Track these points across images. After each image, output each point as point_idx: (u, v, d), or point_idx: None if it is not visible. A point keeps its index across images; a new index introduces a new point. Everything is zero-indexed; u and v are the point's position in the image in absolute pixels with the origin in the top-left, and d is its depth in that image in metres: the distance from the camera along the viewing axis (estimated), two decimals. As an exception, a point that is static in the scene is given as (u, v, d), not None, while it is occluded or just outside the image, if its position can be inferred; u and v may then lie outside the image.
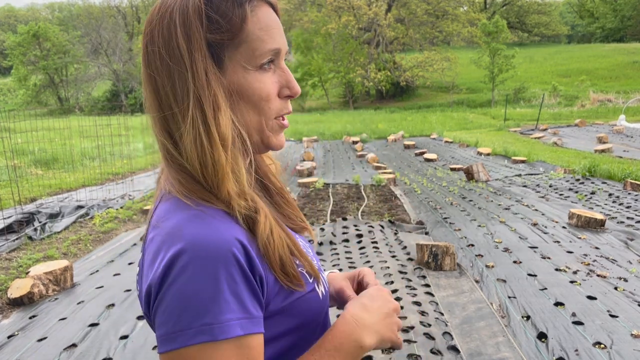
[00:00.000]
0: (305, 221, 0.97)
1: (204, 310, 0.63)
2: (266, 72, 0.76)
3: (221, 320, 0.63)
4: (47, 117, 17.10)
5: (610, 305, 3.40)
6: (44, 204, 7.68)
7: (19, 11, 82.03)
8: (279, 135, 0.81)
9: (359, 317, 0.80)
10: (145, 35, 0.75)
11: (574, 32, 65.26)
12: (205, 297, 0.63)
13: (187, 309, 0.63)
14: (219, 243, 0.66)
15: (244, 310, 0.66)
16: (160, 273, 0.65)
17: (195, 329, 0.63)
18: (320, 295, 0.82)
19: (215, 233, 0.67)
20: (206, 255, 0.64)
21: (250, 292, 0.67)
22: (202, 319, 0.63)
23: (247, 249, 0.68)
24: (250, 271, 0.68)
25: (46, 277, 4.17)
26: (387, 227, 5.75)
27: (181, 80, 0.71)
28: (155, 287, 0.66)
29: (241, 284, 0.66)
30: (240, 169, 0.73)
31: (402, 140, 17.02)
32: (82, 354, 3.06)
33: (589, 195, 7.21)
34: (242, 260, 0.67)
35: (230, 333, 0.64)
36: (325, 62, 37.08)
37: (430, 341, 3.00)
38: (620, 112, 20.32)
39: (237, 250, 0.67)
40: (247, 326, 0.66)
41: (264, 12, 0.75)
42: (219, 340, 0.63)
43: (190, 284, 0.63)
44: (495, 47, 32.08)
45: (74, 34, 52.92)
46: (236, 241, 0.67)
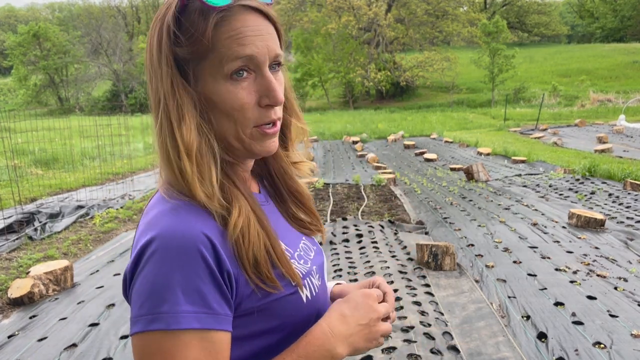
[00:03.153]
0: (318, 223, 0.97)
1: (162, 299, 0.65)
2: (239, 82, 0.74)
3: (177, 311, 0.65)
4: (47, 117, 17.10)
5: (610, 305, 3.40)
6: (44, 204, 7.68)
7: (19, 11, 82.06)
8: (264, 142, 0.79)
9: (335, 327, 0.79)
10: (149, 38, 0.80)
11: (574, 32, 65.26)
12: (165, 286, 0.66)
13: (150, 296, 0.66)
14: (186, 237, 0.68)
15: (204, 305, 0.67)
16: (133, 259, 0.70)
17: (152, 315, 0.66)
18: (304, 299, 0.81)
19: (185, 227, 0.69)
20: (172, 247, 0.67)
21: (214, 289, 0.68)
22: (160, 307, 0.65)
23: (215, 246, 0.70)
24: (217, 268, 0.69)
25: (46, 277, 4.18)
26: (387, 227, 5.75)
27: (153, 88, 0.76)
28: (129, 272, 0.71)
29: (205, 279, 0.67)
30: (207, 175, 0.74)
31: (402, 140, 17.02)
32: (82, 353, 3.07)
33: (589, 195, 7.21)
34: (208, 256, 0.68)
35: (184, 324, 0.65)
36: (325, 62, 37.06)
37: (430, 341, 3.00)
38: (620, 112, 20.32)
39: (203, 246, 0.68)
40: (207, 321, 0.67)
41: (239, 20, 0.73)
42: (174, 330, 0.65)
43: (154, 272, 0.67)
44: (495, 47, 32.08)
45: (74, 34, 52.93)
46: (204, 237, 0.69)
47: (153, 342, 0.66)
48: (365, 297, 0.84)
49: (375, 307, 0.84)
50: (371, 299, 0.84)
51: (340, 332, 0.79)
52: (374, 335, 0.83)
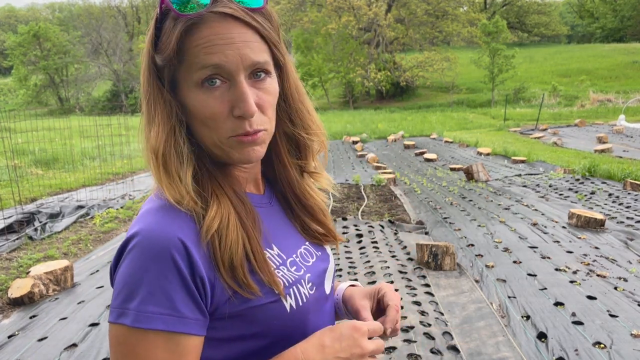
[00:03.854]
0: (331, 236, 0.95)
1: (132, 296, 0.67)
2: (211, 90, 0.73)
3: (142, 310, 0.67)
4: (47, 117, 17.09)
5: (610, 305, 3.40)
6: (45, 203, 7.68)
7: (19, 11, 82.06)
8: (243, 150, 0.76)
9: (309, 355, 0.75)
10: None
11: (574, 32, 65.25)
12: (136, 284, 0.67)
13: (122, 290, 0.68)
14: (160, 240, 0.69)
15: (171, 307, 0.67)
16: (116, 254, 0.73)
17: (122, 309, 0.68)
18: (287, 308, 0.78)
19: (161, 229, 0.70)
20: (146, 248, 0.69)
21: (185, 294, 0.68)
22: (129, 302, 0.67)
23: (189, 251, 0.70)
24: (189, 274, 0.69)
25: (46, 277, 4.18)
26: (387, 227, 5.75)
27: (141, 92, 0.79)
28: (112, 266, 0.74)
29: (174, 283, 0.68)
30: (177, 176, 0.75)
31: (402, 140, 17.02)
32: (82, 353, 3.07)
33: (589, 195, 7.21)
34: (180, 261, 0.68)
35: (147, 324, 0.66)
36: (325, 62, 37.06)
37: (430, 341, 3.01)
38: (620, 112, 20.32)
39: (176, 251, 0.69)
40: (173, 324, 0.67)
41: (209, 27, 0.71)
42: (138, 328, 0.66)
43: (128, 268, 0.69)
44: (495, 47, 32.07)
45: (74, 34, 52.94)
46: (178, 241, 0.69)
47: (121, 334, 0.68)
48: (353, 329, 0.78)
49: (361, 343, 0.77)
50: (359, 333, 0.78)
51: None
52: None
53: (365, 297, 0.98)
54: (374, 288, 0.99)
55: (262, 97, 0.76)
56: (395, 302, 0.94)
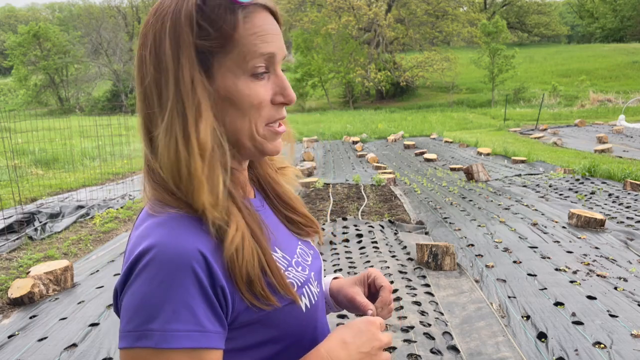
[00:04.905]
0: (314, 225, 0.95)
1: (152, 315, 0.63)
2: (259, 79, 0.74)
3: (167, 329, 0.63)
4: (47, 117, 17.10)
5: (610, 305, 3.40)
6: (45, 204, 7.68)
7: (19, 11, 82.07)
8: (275, 142, 0.79)
9: (334, 353, 0.77)
10: (139, 37, 0.76)
11: (574, 32, 65.25)
12: (156, 303, 0.63)
13: (139, 311, 0.64)
14: (179, 253, 0.65)
15: (196, 323, 0.65)
16: (125, 272, 0.67)
17: (141, 332, 0.63)
18: (303, 309, 0.79)
19: (178, 242, 0.66)
20: (164, 262, 0.65)
21: (207, 307, 0.66)
22: (149, 323, 0.63)
23: (209, 263, 0.67)
24: (210, 285, 0.67)
25: (46, 277, 4.18)
26: (387, 227, 5.75)
27: (166, 85, 0.71)
28: (120, 285, 0.69)
29: (197, 297, 0.65)
30: (217, 179, 0.71)
31: (402, 140, 17.02)
32: (82, 353, 3.07)
33: (589, 195, 7.21)
34: (202, 273, 0.66)
35: (174, 343, 0.63)
36: (325, 62, 37.08)
37: (430, 341, 3.01)
38: (620, 112, 20.32)
39: (196, 263, 0.66)
40: (198, 339, 0.65)
41: (260, 18, 0.74)
42: (164, 349, 0.63)
43: (144, 287, 0.64)
44: (495, 47, 32.09)
45: (74, 34, 52.99)
46: (198, 253, 0.67)
47: (141, 358, 0.64)
48: (369, 324, 0.81)
49: (378, 336, 0.81)
50: (374, 327, 0.81)
51: (339, 358, 0.77)
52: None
53: (354, 284, 1.01)
54: (362, 274, 1.02)
55: None
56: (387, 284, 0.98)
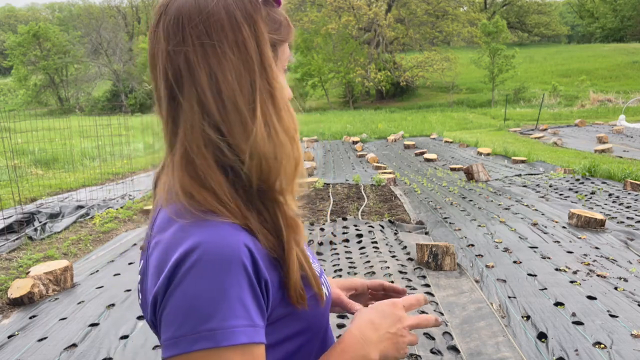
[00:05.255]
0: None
1: (209, 315, 0.61)
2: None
3: (226, 327, 0.61)
4: (47, 117, 17.09)
5: (610, 305, 3.40)
6: (44, 204, 7.68)
7: (19, 11, 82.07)
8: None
9: (366, 334, 0.79)
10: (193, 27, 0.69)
11: (574, 32, 65.26)
12: (211, 301, 0.62)
13: (192, 312, 0.61)
14: (228, 247, 0.64)
15: (248, 318, 0.64)
16: (167, 275, 0.64)
17: (198, 334, 0.61)
18: (324, 298, 0.80)
19: (225, 238, 0.65)
20: (214, 259, 0.63)
21: (254, 301, 0.65)
22: (207, 323, 0.61)
23: (255, 256, 0.66)
24: (256, 279, 0.66)
25: (46, 277, 4.18)
26: (387, 227, 5.75)
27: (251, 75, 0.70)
28: (161, 290, 0.64)
29: (247, 291, 0.64)
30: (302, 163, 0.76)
31: (402, 140, 17.02)
32: (82, 353, 3.06)
33: (589, 195, 7.21)
34: (250, 267, 0.65)
35: (234, 340, 0.62)
36: (325, 62, 37.07)
37: (430, 341, 3.00)
38: (620, 112, 20.32)
39: (245, 257, 0.65)
40: (252, 334, 0.64)
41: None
42: (222, 347, 0.61)
43: (195, 286, 0.62)
44: (495, 47, 32.09)
45: (74, 34, 52.98)
46: (245, 247, 0.66)
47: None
48: (392, 306, 0.84)
49: (403, 316, 0.83)
50: (398, 308, 0.84)
51: (372, 339, 0.79)
52: (402, 344, 0.82)
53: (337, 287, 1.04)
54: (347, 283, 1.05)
55: None
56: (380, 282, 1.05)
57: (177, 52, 0.69)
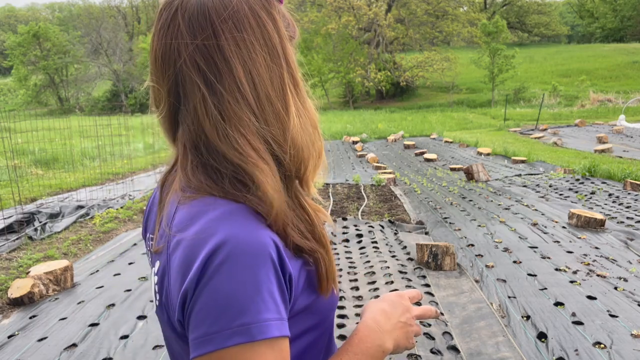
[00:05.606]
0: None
1: (243, 309, 0.61)
2: None
3: (259, 320, 0.62)
4: (47, 117, 17.10)
5: (610, 305, 3.40)
6: (44, 204, 7.68)
7: (19, 11, 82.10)
8: None
9: (380, 323, 0.82)
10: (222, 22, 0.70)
11: (574, 32, 65.27)
12: (244, 296, 0.61)
13: (225, 308, 0.61)
14: (256, 241, 0.64)
15: (278, 311, 0.64)
16: (196, 272, 0.63)
17: (233, 329, 0.61)
18: (335, 292, 0.82)
19: (252, 232, 0.65)
20: (244, 253, 0.63)
21: (280, 295, 0.66)
22: (241, 318, 0.61)
23: (280, 251, 0.67)
24: (282, 272, 0.66)
25: (46, 277, 4.18)
26: (387, 227, 5.75)
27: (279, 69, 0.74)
28: (191, 288, 0.63)
29: (275, 285, 0.65)
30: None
31: (402, 140, 17.02)
32: (82, 353, 3.07)
33: (589, 195, 7.21)
34: (277, 261, 0.65)
35: (268, 333, 0.62)
36: (325, 62, 37.08)
37: (430, 341, 3.00)
38: (620, 112, 20.32)
39: (272, 250, 0.65)
40: (281, 328, 0.64)
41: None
42: (256, 341, 0.62)
43: (228, 282, 0.62)
44: (495, 47, 32.10)
45: (74, 34, 52.98)
46: (272, 241, 0.66)
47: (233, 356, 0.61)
48: (399, 297, 0.86)
49: (409, 306, 0.86)
50: (404, 299, 0.86)
51: (386, 328, 0.82)
52: (411, 334, 0.85)
53: None
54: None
55: None
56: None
57: (209, 45, 0.70)
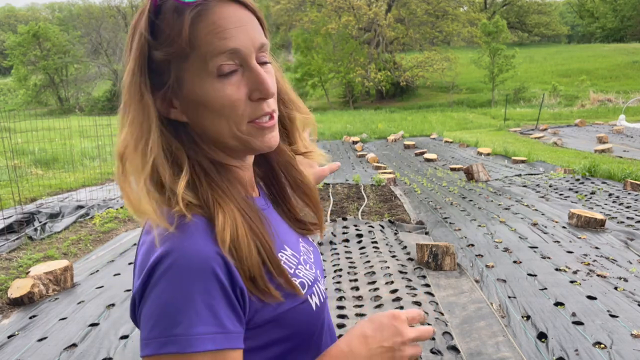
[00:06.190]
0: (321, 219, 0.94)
1: (176, 321, 0.63)
2: (227, 78, 0.71)
3: (191, 333, 0.63)
4: (47, 117, 17.10)
5: (610, 305, 3.40)
6: (44, 204, 7.68)
7: (19, 11, 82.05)
8: (264, 137, 0.76)
9: (354, 347, 0.76)
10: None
11: (574, 32, 65.24)
12: (178, 308, 0.63)
13: (161, 317, 0.64)
14: (199, 256, 0.65)
15: (218, 325, 0.65)
16: (144, 277, 0.66)
17: (165, 338, 0.63)
18: (313, 307, 0.79)
19: (197, 246, 0.66)
20: (184, 267, 0.64)
21: (228, 308, 0.66)
22: (173, 329, 0.63)
23: (229, 264, 0.67)
24: (230, 286, 0.67)
25: (46, 277, 4.18)
26: (387, 227, 5.75)
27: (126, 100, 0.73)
28: (139, 292, 0.67)
29: (218, 298, 0.65)
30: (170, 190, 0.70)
31: (402, 140, 17.01)
32: (82, 353, 3.07)
33: (589, 195, 7.21)
34: (222, 275, 0.66)
35: (199, 347, 0.63)
36: (325, 62, 37.04)
37: (430, 341, 3.00)
38: (620, 112, 20.32)
39: (217, 265, 0.66)
40: (221, 341, 0.65)
41: (215, 13, 0.70)
42: (188, 353, 0.63)
43: (165, 293, 0.64)
44: (495, 47, 32.07)
45: (74, 34, 52.96)
46: (217, 255, 0.67)
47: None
48: (392, 318, 0.79)
49: (402, 330, 0.78)
50: (398, 321, 0.79)
51: (360, 353, 0.76)
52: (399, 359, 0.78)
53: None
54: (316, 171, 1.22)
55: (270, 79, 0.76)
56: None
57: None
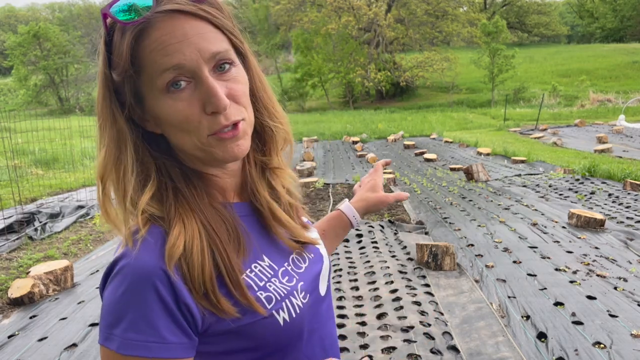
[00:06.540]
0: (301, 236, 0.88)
1: (116, 322, 0.67)
2: (177, 93, 0.70)
3: (125, 337, 0.67)
4: (47, 117, 17.10)
5: (610, 305, 3.41)
6: (45, 204, 7.68)
7: (19, 11, 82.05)
8: (226, 148, 0.73)
9: None
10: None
11: (574, 32, 65.25)
12: (119, 311, 0.67)
13: (107, 314, 0.69)
14: (142, 269, 0.68)
15: (155, 335, 0.67)
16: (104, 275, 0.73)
17: (107, 333, 0.68)
18: (280, 322, 0.77)
19: (144, 258, 0.69)
20: (129, 276, 0.68)
21: (168, 320, 0.68)
22: (113, 328, 0.67)
23: (172, 281, 0.68)
24: (173, 301, 0.68)
25: (46, 277, 4.18)
26: (387, 227, 5.76)
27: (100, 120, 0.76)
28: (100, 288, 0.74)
29: (157, 311, 0.67)
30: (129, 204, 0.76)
31: (402, 140, 17.02)
32: (82, 353, 3.07)
33: (589, 195, 7.21)
34: (163, 290, 0.68)
35: (131, 351, 0.66)
36: (325, 62, 37.04)
37: (430, 341, 3.01)
38: (620, 112, 20.32)
39: (158, 280, 0.68)
40: (157, 350, 0.67)
41: (161, 29, 0.69)
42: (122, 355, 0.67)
43: (112, 294, 0.69)
44: (495, 47, 32.08)
45: (74, 34, 53.00)
46: (160, 271, 0.68)
47: (108, 356, 0.68)
48: None
49: None
50: None
51: None
52: None
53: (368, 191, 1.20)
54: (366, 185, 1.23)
55: (232, 87, 0.73)
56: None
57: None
